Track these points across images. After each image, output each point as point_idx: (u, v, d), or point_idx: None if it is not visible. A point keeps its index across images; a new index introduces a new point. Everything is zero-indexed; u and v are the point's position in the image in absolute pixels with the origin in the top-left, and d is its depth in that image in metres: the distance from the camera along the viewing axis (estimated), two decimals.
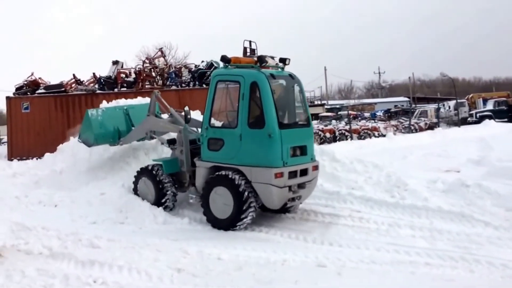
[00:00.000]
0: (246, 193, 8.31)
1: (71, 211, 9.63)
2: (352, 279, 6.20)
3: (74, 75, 22.84)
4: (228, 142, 8.69)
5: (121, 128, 11.47)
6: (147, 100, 14.11)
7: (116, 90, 21.86)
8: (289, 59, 9.04)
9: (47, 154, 14.93)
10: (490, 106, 39.67)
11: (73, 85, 22.67)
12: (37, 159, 18.02)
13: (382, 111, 49.32)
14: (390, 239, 7.80)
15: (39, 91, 22.83)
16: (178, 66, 22.18)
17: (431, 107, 40.67)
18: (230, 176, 8.45)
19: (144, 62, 22.55)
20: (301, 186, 8.76)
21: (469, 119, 39.22)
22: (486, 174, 11.76)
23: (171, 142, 10.04)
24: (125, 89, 21.93)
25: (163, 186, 9.59)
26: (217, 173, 8.71)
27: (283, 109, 8.63)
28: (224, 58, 8.98)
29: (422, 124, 31.58)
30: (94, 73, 22.83)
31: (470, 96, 45.73)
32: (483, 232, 8.06)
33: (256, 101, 8.48)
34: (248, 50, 21.56)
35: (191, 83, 21.58)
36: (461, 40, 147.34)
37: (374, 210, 9.42)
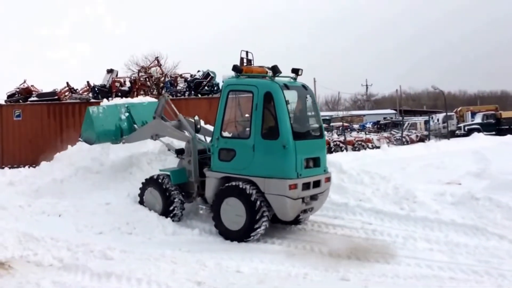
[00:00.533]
0: (258, 203, 8.14)
1: (76, 221, 9.33)
2: None
3: (67, 83, 22.46)
4: (240, 153, 8.52)
5: (122, 126, 11.26)
6: (148, 99, 13.95)
7: (110, 98, 21.56)
8: (302, 70, 8.88)
9: (43, 163, 14.62)
10: (478, 119, 40.10)
11: (66, 93, 22.31)
12: (29, 167, 17.71)
13: (371, 123, 49.63)
14: (407, 252, 7.66)
15: (32, 99, 22.50)
16: (173, 76, 21.93)
17: (420, 120, 41.01)
18: (241, 186, 8.28)
19: (139, 71, 22.32)
20: (313, 197, 8.62)
21: (457, 132, 39.60)
22: (488, 187, 11.68)
23: (180, 152, 9.81)
24: (119, 98, 21.62)
25: (170, 194, 9.38)
26: (227, 184, 8.53)
27: (297, 120, 8.50)
28: (236, 68, 8.83)
29: (413, 137, 31.76)
30: (88, 82, 22.54)
31: (459, 109, 46.18)
32: (499, 245, 7.95)
33: (270, 111, 8.33)
34: (244, 60, 21.57)
35: (187, 92, 21.37)
36: (447, 54, 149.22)
37: (385, 222, 9.32)
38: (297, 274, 6.62)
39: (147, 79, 21.81)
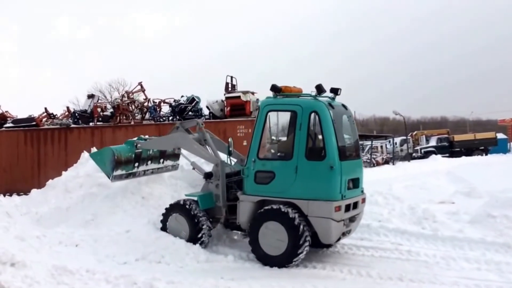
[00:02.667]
0: (301, 227, 7.59)
1: (96, 250, 8.44)
2: None
3: (46, 108, 21.22)
4: (280, 175, 7.98)
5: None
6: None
7: (92, 124, 20.54)
8: (340, 89, 8.36)
9: (34, 190, 13.47)
10: (433, 142, 41.24)
11: (43, 119, 21.05)
12: (4, 196, 16.40)
13: None
14: (456, 273, 7.31)
15: (7, 125, 21.12)
16: (157, 101, 21.15)
17: (381, 143, 41.67)
18: (283, 210, 7.71)
19: (122, 96, 21.41)
20: (351, 219, 8.17)
21: (414, 154, 40.50)
22: (487, 205, 11.55)
23: (208, 176, 9.11)
24: (101, 123, 20.65)
25: (198, 221, 8.63)
26: (266, 208, 7.94)
27: (340, 140, 8.00)
28: (274, 88, 8.28)
29: (379, 159, 32.07)
30: (68, 107, 21.45)
31: (414, 133, 47.46)
32: None
33: (315, 131, 7.87)
34: (229, 85, 21.14)
35: (171, 117, 20.64)
36: (391, 80, 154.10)
37: (414, 242, 9.01)
38: None
39: (130, 104, 20.90)
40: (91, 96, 21.58)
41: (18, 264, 6.78)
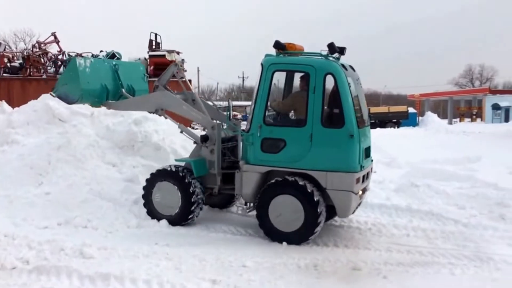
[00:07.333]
0: (320, 204, 6.99)
1: (11, 213, 7.84)
2: None
3: None
4: (291, 143, 7.21)
5: (108, 86, 9.27)
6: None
7: None
8: (346, 48, 7.48)
9: None
10: None
11: None
12: None
13: None
14: (387, 239, 7.45)
15: None
16: (73, 54, 19.77)
17: None
18: (300, 183, 7.02)
19: (33, 46, 19.77)
20: (363, 190, 7.74)
21: None
22: (409, 175, 12.28)
23: (204, 140, 8.05)
24: (8, 75, 19.04)
25: (193, 192, 7.73)
26: (279, 179, 7.19)
27: (356, 106, 7.21)
28: (278, 44, 7.42)
29: None
30: None
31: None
32: (455, 229, 8.08)
33: (331, 95, 7.20)
34: (153, 43, 20.30)
35: None
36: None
37: None
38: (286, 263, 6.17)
39: (42, 56, 19.39)
40: None
41: None
